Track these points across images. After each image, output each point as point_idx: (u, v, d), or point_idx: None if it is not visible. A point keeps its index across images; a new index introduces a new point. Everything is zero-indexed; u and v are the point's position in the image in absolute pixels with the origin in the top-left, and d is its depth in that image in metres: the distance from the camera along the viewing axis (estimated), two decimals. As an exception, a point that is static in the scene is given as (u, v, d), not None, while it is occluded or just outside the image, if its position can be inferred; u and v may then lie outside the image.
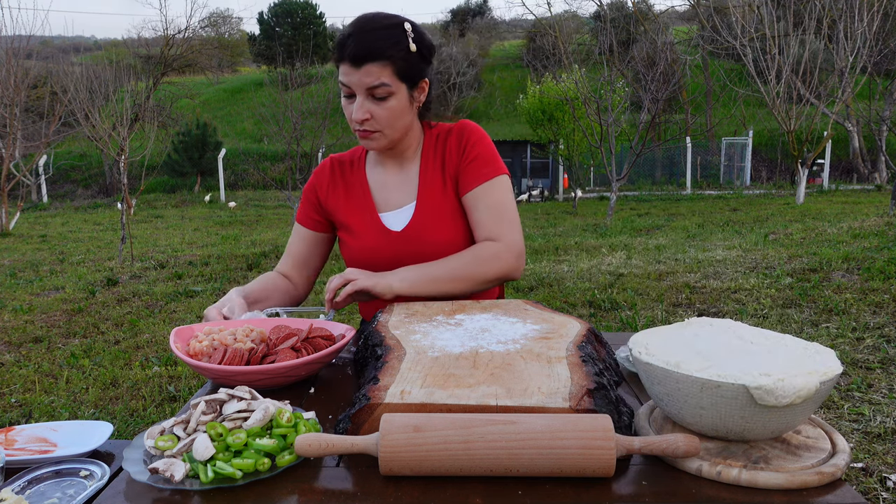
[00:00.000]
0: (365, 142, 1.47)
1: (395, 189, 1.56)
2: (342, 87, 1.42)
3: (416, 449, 0.81)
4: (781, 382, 0.80)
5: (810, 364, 0.86)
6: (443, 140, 1.57)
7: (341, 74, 1.41)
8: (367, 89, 1.39)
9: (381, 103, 1.41)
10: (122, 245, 7.73)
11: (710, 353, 0.89)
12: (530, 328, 1.18)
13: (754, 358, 0.88)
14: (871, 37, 12.11)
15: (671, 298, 4.78)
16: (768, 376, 0.81)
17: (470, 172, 1.51)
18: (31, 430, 1.14)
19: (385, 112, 1.42)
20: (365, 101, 1.40)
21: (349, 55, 1.37)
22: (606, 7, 23.60)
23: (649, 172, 18.56)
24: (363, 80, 1.38)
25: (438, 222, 1.50)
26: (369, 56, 1.36)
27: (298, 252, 1.65)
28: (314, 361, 1.14)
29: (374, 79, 1.38)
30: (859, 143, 17.61)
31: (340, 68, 1.41)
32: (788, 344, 0.93)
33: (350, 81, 1.39)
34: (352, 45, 1.37)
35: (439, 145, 1.56)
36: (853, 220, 8.14)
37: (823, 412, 2.86)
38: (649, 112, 12.97)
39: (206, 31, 32.74)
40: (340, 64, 1.40)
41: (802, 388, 0.80)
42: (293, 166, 13.32)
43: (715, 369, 0.84)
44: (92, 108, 11.20)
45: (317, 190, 1.62)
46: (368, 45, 1.36)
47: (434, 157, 1.56)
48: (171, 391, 3.42)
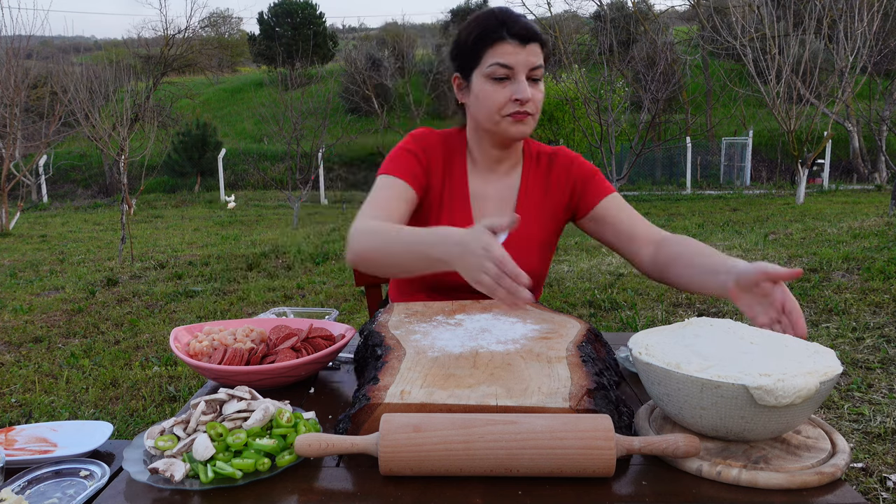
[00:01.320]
0: (518, 126, 1.40)
1: (493, 204, 1.50)
2: (497, 69, 1.36)
3: (416, 449, 0.81)
4: (781, 383, 0.81)
5: (810, 364, 0.86)
6: (545, 164, 1.54)
7: (498, 56, 1.36)
8: (529, 69, 1.37)
9: (537, 85, 1.39)
10: (122, 245, 7.73)
11: (710, 353, 0.90)
12: (530, 328, 1.18)
13: (754, 358, 0.88)
14: (871, 37, 12.11)
15: (671, 298, 4.78)
16: (768, 377, 0.82)
17: (591, 192, 1.50)
18: (31, 430, 1.14)
19: (540, 95, 1.40)
20: (526, 82, 1.37)
21: (516, 33, 1.35)
22: (606, 7, 23.60)
23: (649, 172, 18.55)
24: (529, 58, 1.36)
25: (528, 250, 1.47)
26: (535, 36, 1.37)
27: (399, 212, 1.39)
28: (314, 361, 1.14)
29: (537, 59, 1.38)
30: (859, 143, 17.60)
31: (496, 49, 1.36)
32: (789, 344, 0.93)
33: (516, 61, 1.35)
34: (516, 25, 1.35)
35: (541, 167, 1.54)
36: (853, 220, 8.14)
37: (823, 412, 2.86)
38: (649, 112, 12.97)
39: (206, 31, 32.75)
40: (497, 45, 1.36)
41: (802, 388, 0.81)
42: (293, 166, 13.31)
43: (715, 370, 0.84)
44: (92, 108, 11.20)
45: (426, 150, 1.49)
46: (531, 27, 1.37)
47: (536, 177, 1.53)
48: (171, 391, 3.42)
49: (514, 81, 1.37)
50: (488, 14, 1.40)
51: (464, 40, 1.42)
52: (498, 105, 1.38)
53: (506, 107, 1.38)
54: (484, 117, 1.42)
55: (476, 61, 1.40)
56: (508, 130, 1.40)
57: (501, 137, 1.43)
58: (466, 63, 1.43)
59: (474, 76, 1.41)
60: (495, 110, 1.39)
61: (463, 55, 1.43)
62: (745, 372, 0.83)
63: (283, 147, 15.13)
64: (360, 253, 1.27)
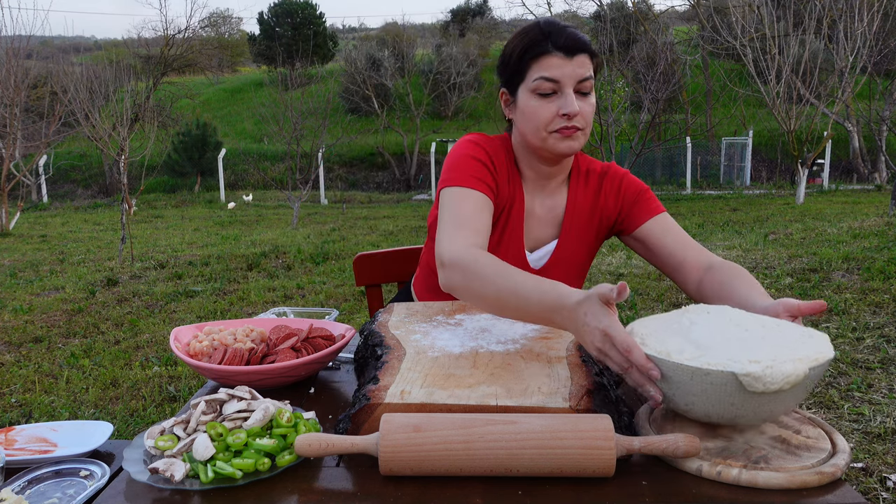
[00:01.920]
0: (567, 143, 1.32)
1: (542, 223, 1.45)
2: (543, 83, 1.29)
3: (416, 449, 0.81)
4: (770, 369, 0.81)
5: (802, 350, 0.86)
6: (595, 179, 1.48)
7: (544, 69, 1.29)
8: (577, 82, 1.30)
9: (586, 98, 1.32)
10: (122, 245, 7.73)
11: (703, 340, 0.89)
12: (530, 328, 1.18)
13: (747, 345, 0.88)
14: (871, 37, 12.11)
15: (671, 298, 4.78)
16: (757, 363, 0.82)
17: (641, 209, 1.44)
18: (31, 430, 1.14)
19: (589, 108, 1.33)
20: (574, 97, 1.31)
21: (562, 45, 1.28)
22: (606, 7, 23.61)
23: (649, 172, 18.56)
24: (577, 70, 1.29)
25: (568, 270, 1.45)
26: (581, 47, 1.30)
27: (485, 227, 1.30)
28: (314, 361, 1.14)
29: (586, 70, 1.31)
30: (859, 143, 17.61)
31: (541, 63, 1.30)
32: (784, 329, 0.92)
33: (562, 74, 1.29)
34: (561, 37, 1.29)
35: (591, 182, 1.47)
36: (853, 220, 8.14)
37: (823, 412, 2.86)
38: (649, 112, 12.97)
39: (206, 31, 32.74)
40: (543, 58, 1.29)
41: (791, 374, 0.81)
42: (293, 166, 13.32)
43: (706, 357, 0.85)
44: (92, 108, 11.20)
45: (493, 160, 1.40)
46: (577, 37, 1.30)
47: (585, 192, 1.47)
48: (171, 391, 3.42)
49: (561, 95, 1.30)
50: (532, 26, 1.34)
51: (508, 54, 1.36)
52: (545, 121, 1.31)
53: (553, 122, 1.31)
54: (531, 134, 1.35)
55: (521, 76, 1.34)
56: (557, 147, 1.33)
57: (549, 154, 1.36)
58: (512, 78, 1.36)
59: (520, 91, 1.35)
60: (542, 126, 1.32)
61: (508, 70, 1.37)
62: (734, 359, 0.84)
63: (283, 147, 15.14)
64: (457, 287, 1.19)
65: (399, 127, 21.52)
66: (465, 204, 1.30)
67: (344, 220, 12.14)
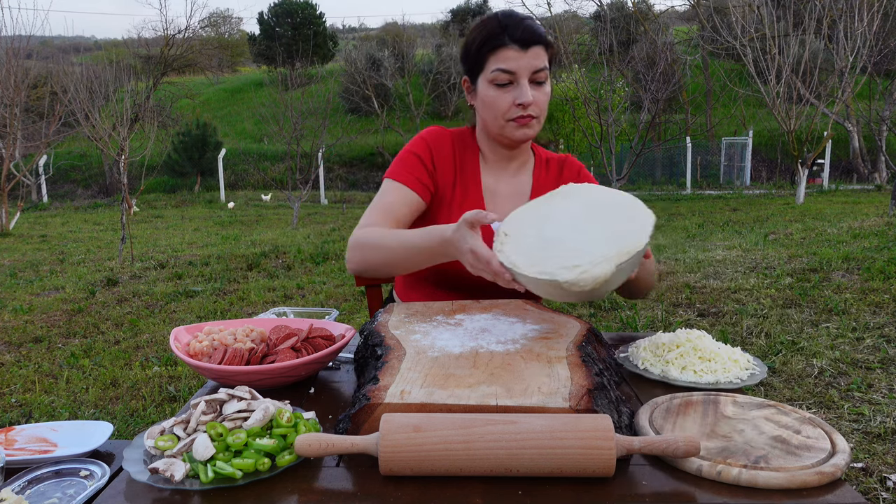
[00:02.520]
0: (523, 131, 1.43)
1: (506, 199, 1.54)
2: (500, 75, 1.39)
3: (416, 449, 0.81)
4: (584, 274, 1.01)
5: (616, 244, 1.05)
6: (555, 167, 1.59)
7: (501, 61, 1.38)
8: (532, 73, 1.39)
9: (541, 88, 1.41)
10: (122, 245, 7.73)
11: (549, 241, 1.11)
12: (530, 328, 1.18)
13: (578, 242, 1.08)
14: (871, 37, 12.10)
15: (671, 298, 4.78)
16: (576, 268, 1.02)
17: None
18: (31, 430, 1.14)
19: (544, 97, 1.42)
20: (529, 87, 1.39)
21: (518, 38, 1.37)
22: (606, 7, 23.60)
23: (649, 172, 18.55)
24: (532, 62, 1.38)
25: None
26: (536, 39, 1.38)
27: (404, 218, 1.46)
28: (314, 361, 1.14)
29: (540, 62, 1.39)
30: (859, 143, 17.60)
31: (497, 55, 1.39)
32: (615, 216, 1.11)
33: (517, 66, 1.38)
34: (517, 30, 1.37)
35: (552, 170, 1.59)
36: (853, 220, 8.14)
37: (823, 412, 2.86)
38: (649, 112, 12.96)
39: (206, 31, 32.74)
40: (499, 51, 1.38)
41: (600, 276, 1.01)
42: (293, 166, 13.31)
43: (539, 266, 1.06)
44: (92, 108, 11.19)
45: (433, 154, 1.51)
46: (532, 30, 1.38)
47: (547, 178, 1.58)
48: (171, 391, 3.42)
49: (517, 86, 1.39)
50: (491, 18, 1.42)
51: (469, 45, 1.45)
52: (502, 110, 1.41)
53: (509, 111, 1.41)
54: (490, 121, 1.45)
55: (480, 67, 1.43)
56: (514, 134, 1.44)
57: (507, 140, 1.48)
58: (472, 68, 1.46)
59: (479, 81, 1.44)
60: (500, 115, 1.42)
61: (469, 60, 1.46)
62: (558, 267, 1.04)
63: (283, 147, 15.13)
64: (358, 263, 1.39)
65: (399, 127, 21.51)
66: (386, 195, 1.46)
67: (344, 220, 12.13)
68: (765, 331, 3.95)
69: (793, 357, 3.50)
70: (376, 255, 1.36)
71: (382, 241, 1.34)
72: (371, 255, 1.36)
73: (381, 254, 1.35)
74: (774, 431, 0.92)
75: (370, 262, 1.37)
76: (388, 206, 1.45)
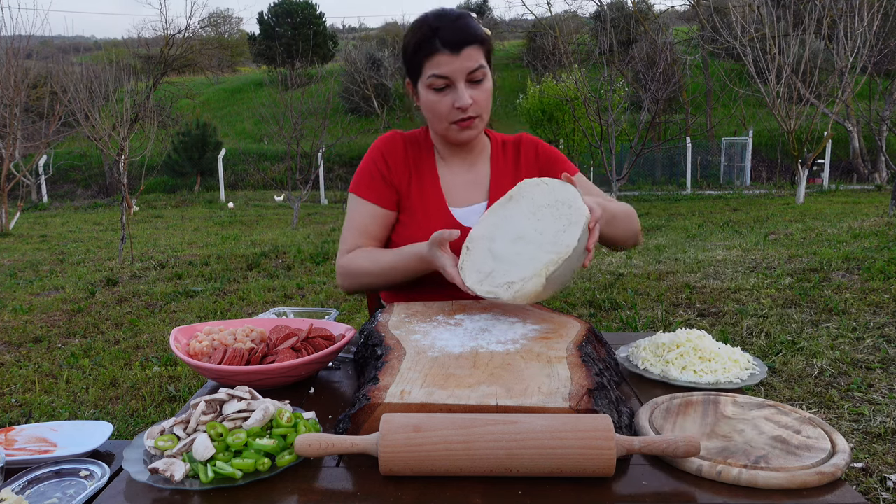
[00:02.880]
0: (467, 132, 1.45)
1: (465, 187, 1.55)
2: (436, 80, 1.39)
3: (416, 449, 0.81)
4: (518, 293, 1.11)
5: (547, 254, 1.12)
6: (511, 149, 1.60)
7: (434, 67, 1.38)
8: (467, 74, 1.38)
9: (479, 86, 1.41)
10: (122, 245, 7.73)
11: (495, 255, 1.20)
12: (530, 328, 1.18)
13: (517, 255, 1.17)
14: (871, 37, 12.10)
15: (671, 298, 4.78)
16: (510, 287, 1.13)
17: (558, 171, 1.55)
18: (31, 430, 1.14)
19: (483, 94, 1.42)
20: (466, 88, 1.39)
21: (447, 43, 1.36)
22: (606, 7, 23.60)
23: (649, 172, 18.55)
24: (465, 64, 1.37)
25: None
26: (467, 40, 1.37)
27: (378, 233, 1.53)
28: (314, 361, 1.14)
29: (474, 62, 1.38)
30: (859, 143, 17.59)
31: (431, 60, 1.38)
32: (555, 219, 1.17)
33: (451, 70, 1.37)
34: (446, 33, 1.36)
35: (508, 152, 1.60)
36: (853, 220, 8.14)
37: (823, 412, 2.86)
38: (649, 112, 12.97)
39: (206, 31, 32.74)
40: (432, 56, 1.38)
41: (532, 291, 1.11)
42: (293, 166, 13.31)
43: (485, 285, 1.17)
44: (92, 108, 11.18)
45: (387, 161, 1.53)
46: (463, 30, 1.37)
47: (505, 162, 1.58)
48: (171, 391, 3.42)
49: (454, 89, 1.40)
50: (422, 22, 1.41)
51: (404, 50, 1.45)
52: (443, 114, 1.42)
53: (450, 114, 1.42)
54: (433, 124, 1.48)
55: (418, 72, 1.43)
56: (457, 137, 1.46)
57: (452, 141, 1.50)
58: (411, 72, 1.46)
59: (419, 85, 1.44)
60: (441, 118, 1.43)
61: (407, 65, 1.46)
62: (495, 286, 1.15)
63: (283, 147, 15.12)
64: (350, 287, 1.51)
65: (399, 127, 21.49)
66: (357, 216, 1.53)
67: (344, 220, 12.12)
68: (765, 331, 3.95)
69: (793, 357, 3.50)
70: (366, 280, 1.46)
71: (369, 268, 1.45)
72: (361, 280, 1.47)
73: (370, 279, 1.46)
74: (774, 431, 0.92)
75: (362, 285, 1.48)
76: (363, 227, 1.52)
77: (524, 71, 23.78)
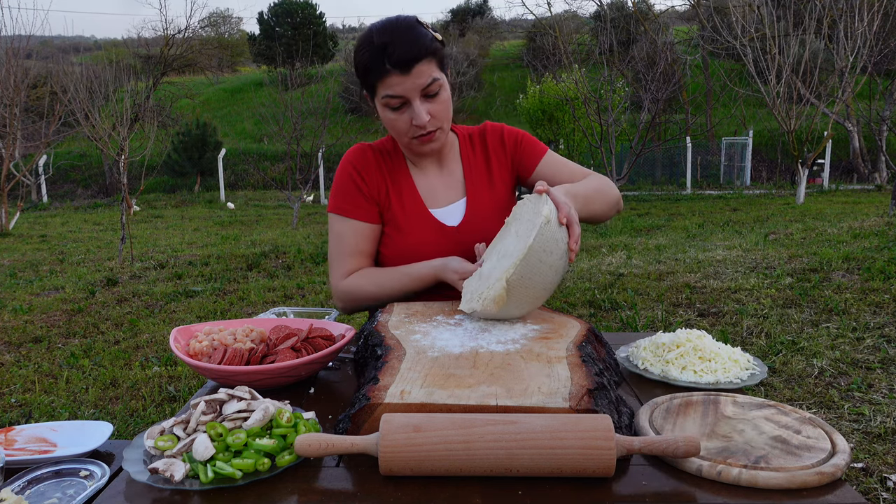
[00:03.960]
0: (429, 146, 1.45)
1: (442, 188, 1.55)
2: (390, 101, 1.37)
3: (416, 449, 0.81)
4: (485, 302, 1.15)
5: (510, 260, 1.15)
6: (479, 141, 1.60)
7: (387, 88, 1.36)
8: (421, 90, 1.36)
9: (436, 99, 1.39)
10: (122, 245, 7.73)
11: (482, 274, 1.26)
12: (530, 328, 1.18)
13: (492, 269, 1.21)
14: (871, 37, 12.10)
15: (671, 298, 4.77)
16: (479, 299, 1.17)
17: (527, 155, 1.57)
18: (31, 430, 1.14)
19: (441, 106, 1.40)
20: (423, 104, 1.38)
21: (395, 63, 1.32)
22: (606, 7, 23.59)
23: (649, 172, 18.55)
24: (417, 82, 1.35)
25: (492, 215, 1.52)
26: (417, 56, 1.33)
27: (368, 250, 1.52)
28: (314, 361, 1.14)
29: (427, 77, 1.35)
30: (859, 143, 17.59)
31: (384, 83, 1.36)
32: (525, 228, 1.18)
33: (404, 90, 1.35)
34: (395, 52, 1.32)
35: (477, 146, 1.59)
36: (853, 220, 8.14)
37: (823, 412, 2.86)
38: (649, 112, 12.96)
39: (206, 31, 32.74)
40: (384, 78, 1.35)
41: (496, 297, 1.14)
42: (293, 166, 13.31)
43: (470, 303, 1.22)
44: (92, 108, 11.17)
45: (362, 176, 1.52)
46: (410, 47, 1.32)
47: (475, 156, 1.58)
48: (171, 391, 3.42)
49: (410, 106, 1.38)
50: (367, 42, 1.36)
51: (356, 69, 1.42)
52: (402, 131, 1.42)
53: (409, 131, 1.41)
54: (396, 139, 1.48)
55: (372, 92, 1.41)
56: (420, 150, 1.47)
57: (417, 154, 1.50)
58: (366, 90, 1.45)
59: (376, 103, 1.43)
60: (402, 135, 1.43)
61: (362, 82, 1.44)
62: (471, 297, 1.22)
63: (283, 147, 15.13)
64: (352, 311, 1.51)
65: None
66: (343, 237, 1.50)
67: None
68: (765, 331, 3.95)
69: (793, 357, 3.50)
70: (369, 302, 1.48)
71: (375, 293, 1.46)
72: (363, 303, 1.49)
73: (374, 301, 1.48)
74: (774, 431, 0.92)
75: (364, 306, 1.50)
76: (353, 247, 1.50)
77: (524, 71, 23.78)
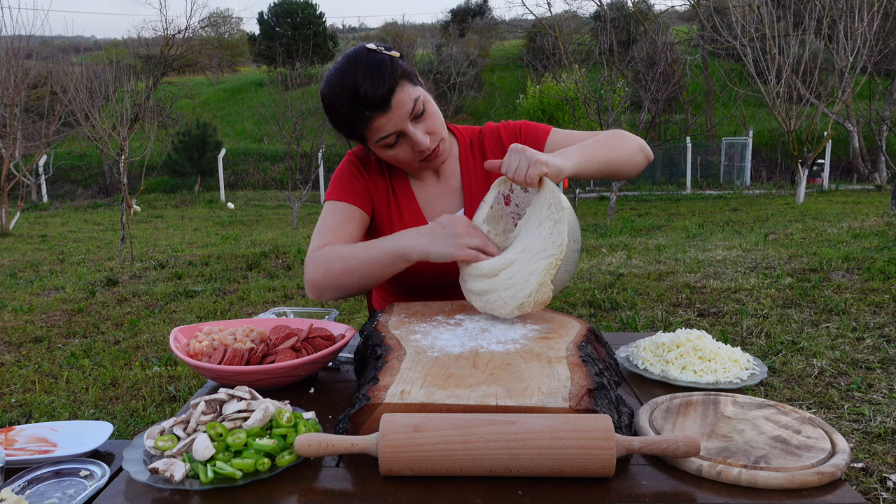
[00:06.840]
0: (437, 160, 1.43)
1: (441, 198, 1.53)
2: (385, 140, 1.35)
3: (416, 449, 0.81)
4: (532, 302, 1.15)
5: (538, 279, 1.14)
6: (478, 147, 1.56)
7: (377, 132, 1.34)
8: (409, 116, 1.34)
9: (425, 116, 1.37)
10: (122, 245, 7.73)
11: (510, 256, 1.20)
12: (530, 328, 1.18)
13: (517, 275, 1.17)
14: (871, 37, 12.10)
15: (671, 298, 4.77)
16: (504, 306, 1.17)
17: (530, 145, 1.50)
18: (31, 430, 1.14)
19: (433, 119, 1.39)
20: (416, 127, 1.36)
21: (374, 106, 1.30)
22: (606, 7, 23.59)
23: (649, 172, 18.55)
24: (402, 112, 1.32)
25: None
26: (390, 89, 1.30)
27: (353, 234, 1.44)
28: (314, 361, 1.14)
29: (409, 103, 1.33)
30: (859, 143, 17.59)
31: (371, 129, 1.33)
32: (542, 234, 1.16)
33: (394, 126, 1.33)
34: (368, 95, 1.29)
35: (476, 152, 1.56)
36: (853, 220, 8.14)
37: (823, 412, 2.86)
38: (649, 112, 12.97)
39: (206, 31, 32.70)
40: (369, 124, 1.33)
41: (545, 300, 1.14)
42: (293, 166, 13.31)
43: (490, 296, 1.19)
44: (92, 108, 11.18)
45: (365, 171, 1.50)
46: (381, 83, 1.29)
47: (474, 163, 1.55)
48: (171, 391, 3.42)
49: (405, 136, 1.36)
50: (334, 95, 1.34)
51: (335, 124, 1.39)
52: (407, 161, 1.41)
53: (414, 158, 1.40)
54: (404, 168, 1.47)
55: (363, 140, 1.40)
56: (430, 167, 1.46)
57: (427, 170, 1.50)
58: (357, 141, 1.43)
59: (371, 147, 1.41)
60: (409, 164, 1.43)
61: (347, 136, 1.41)
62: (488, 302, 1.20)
63: (283, 147, 15.13)
64: (318, 281, 1.33)
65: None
66: (329, 216, 1.45)
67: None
68: (765, 331, 3.95)
69: (793, 357, 3.50)
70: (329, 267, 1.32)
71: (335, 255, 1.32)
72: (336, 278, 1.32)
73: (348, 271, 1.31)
74: (774, 431, 0.92)
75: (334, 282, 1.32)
76: (337, 224, 1.43)
77: (524, 71, 23.78)
